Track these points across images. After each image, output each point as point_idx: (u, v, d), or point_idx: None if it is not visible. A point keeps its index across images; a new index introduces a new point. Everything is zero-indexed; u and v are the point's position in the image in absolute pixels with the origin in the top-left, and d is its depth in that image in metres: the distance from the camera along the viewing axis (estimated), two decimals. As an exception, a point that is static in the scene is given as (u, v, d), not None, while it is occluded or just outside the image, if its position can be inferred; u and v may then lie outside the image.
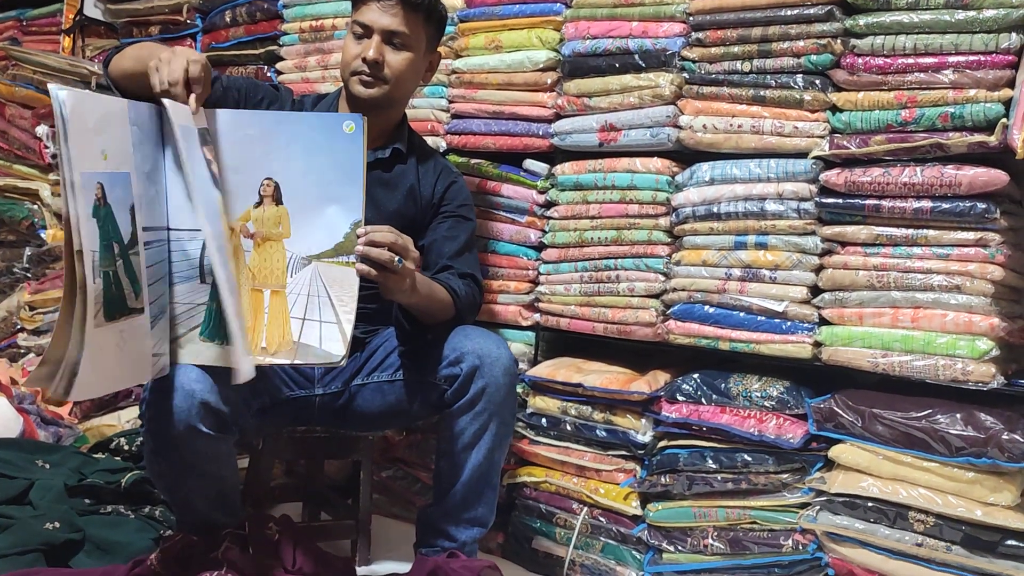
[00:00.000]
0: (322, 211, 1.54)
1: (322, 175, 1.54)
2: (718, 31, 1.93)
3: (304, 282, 1.53)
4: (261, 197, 1.53)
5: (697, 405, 1.92)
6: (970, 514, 1.62)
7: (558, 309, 2.17)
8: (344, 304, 1.52)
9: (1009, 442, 1.58)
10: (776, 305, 1.87)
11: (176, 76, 1.44)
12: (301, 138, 1.54)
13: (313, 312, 1.53)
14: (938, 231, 1.72)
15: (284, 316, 1.52)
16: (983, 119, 1.65)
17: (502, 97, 2.24)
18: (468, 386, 1.66)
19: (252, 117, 1.58)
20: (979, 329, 1.68)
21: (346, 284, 1.53)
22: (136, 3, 3.08)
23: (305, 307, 1.53)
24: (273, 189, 1.53)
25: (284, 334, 1.52)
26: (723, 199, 1.93)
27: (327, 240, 1.54)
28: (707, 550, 1.90)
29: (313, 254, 1.54)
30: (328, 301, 1.53)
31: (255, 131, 1.54)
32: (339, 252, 1.54)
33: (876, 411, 1.72)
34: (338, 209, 1.54)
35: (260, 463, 1.91)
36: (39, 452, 2.11)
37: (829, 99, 1.82)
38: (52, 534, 1.72)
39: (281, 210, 1.54)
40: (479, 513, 1.76)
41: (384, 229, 1.53)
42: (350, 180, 1.53)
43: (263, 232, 1.54)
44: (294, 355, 1.52)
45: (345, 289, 1.53)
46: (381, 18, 1.77)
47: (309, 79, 2.60)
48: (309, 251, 1.54)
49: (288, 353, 1.52)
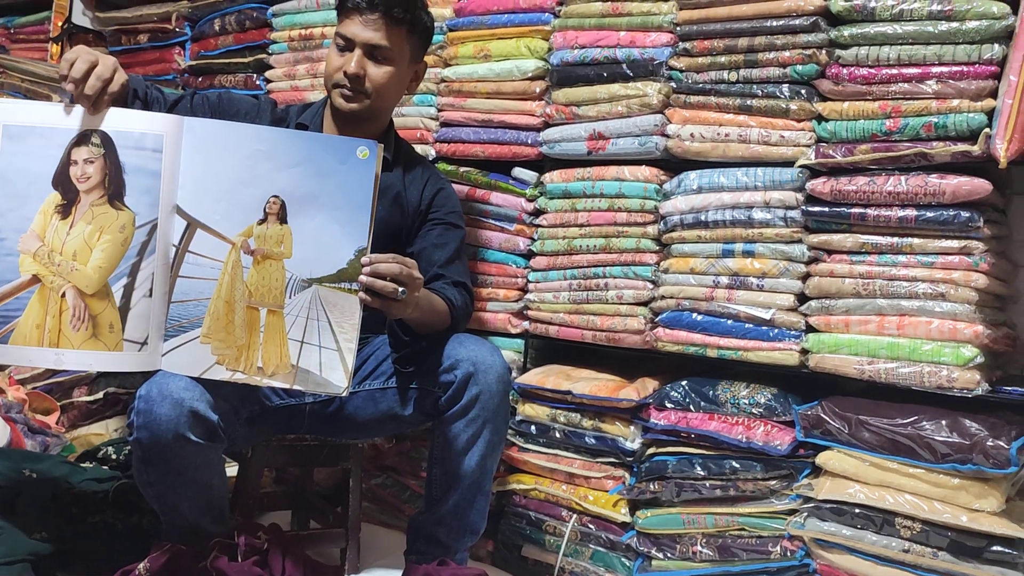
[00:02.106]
0: (327, 234, 1.52)
1: (331, 198, 1.52)
2: (705, 41, 1.95)
3: (303, 304, 1.51)
4: (266, 214, 1.52)
5: (685, 412, 1.93)
6: (956, 520, 1.63)
7: (547, 317, 2.18)
8: (344, 332, 1.51)
9: (994, 448, 1.60)
10: (763, 313, 1.89)
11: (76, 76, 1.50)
12: (312, 159, 1.52)
13: (312, 336, 1.51)
14: (923, 239, 1.74)
15: (281, 336, 1.51)
16: (966, 129, 1.67)
17: (491, 106, 2.25)
18: (462, 393, 1.66)
19: (263, 133, 1.56)
20: (964, 336, 1.69)
21: (347, 311, 1.51)
22: (124, 11, 3.08)
23: (304, 330, 1.51)
24: (279, 207, 1.52)
25: (282, 355, 1.51)
26: (711, 207, 1.94)
27: (330, 265, 1.52)
28: (696, 557, 1.90)
29: (314, 277, 1.52)
30: (328, 327, 1.51)
31: (266, 147, 1.53)
32: (341, 278, 1.51)
33: (863, 418, 1.73)
34: (344, 234, 1.51)
35: (249, 471, 1.90)
36: (26, 461, 2.09)
37: (815, 109, 1.83)
38: (39, 544, 1.71)
39: (285, 229, 1.52)
40: (471, 520, 1.76)
41: (389, 259, 1.51)
42: (359, 206, 1.51)
43: (264, 250, 1.52)
44: (293, 379, 1.51)
45: (345, 316, 1.51)
46: (363, 32, 1.77)
47: (298, 87, 2.61)
48: (311, 274, 1.52)
49: (287, 376, 1.51)
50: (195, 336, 1.49)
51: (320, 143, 1.59)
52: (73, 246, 1.48)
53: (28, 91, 2.99)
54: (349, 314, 1.51)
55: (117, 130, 1.49)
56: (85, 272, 1.47)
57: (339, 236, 1.51)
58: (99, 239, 1.48)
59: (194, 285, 1.51)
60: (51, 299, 1.47)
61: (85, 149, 1.48)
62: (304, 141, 1.58)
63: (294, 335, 1.51)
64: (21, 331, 1.46)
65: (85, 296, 1.47)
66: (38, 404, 2.50)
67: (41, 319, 1.46)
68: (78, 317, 1.47)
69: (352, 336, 1.51)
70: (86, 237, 1.48)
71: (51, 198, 1.47)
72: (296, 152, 1.53)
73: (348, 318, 1.51)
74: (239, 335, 1.50)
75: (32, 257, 1.47)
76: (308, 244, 1.52)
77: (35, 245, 1.47)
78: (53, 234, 1.47)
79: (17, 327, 1.45)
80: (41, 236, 1.47)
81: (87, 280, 1.48)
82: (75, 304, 1.47)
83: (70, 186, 1.48)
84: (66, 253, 1.47)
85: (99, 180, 1.48)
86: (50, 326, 1.46)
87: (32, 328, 1.46)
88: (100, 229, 1.48)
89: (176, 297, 1.50)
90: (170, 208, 1.50)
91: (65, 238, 1.48)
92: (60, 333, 1.47)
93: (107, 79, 1.52)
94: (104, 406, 2.55)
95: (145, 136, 1.50)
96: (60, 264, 1.47)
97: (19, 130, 1.46)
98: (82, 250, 1.48)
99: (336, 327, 1.51)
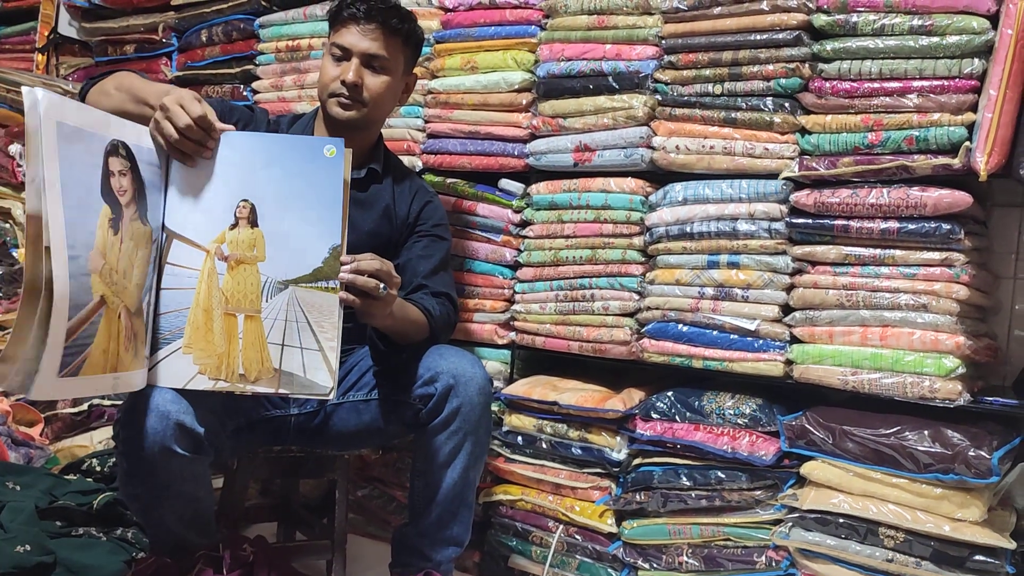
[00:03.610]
0: (300, 235, 1.51)
1: (301, 199, 1.51)
2: (690, 54, 1.97)
3: (280, 307, 1.49)
4: (236, 219, 1.50)
5: (671, 423, 1.94)
6: (938, 530, 1.64)
7: (533, 327, 2.19)
8: (325, 331, 1.49)
9: (975, 459, 1.61)
10: (748, 323, 1.90)
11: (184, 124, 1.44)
12: (280, 160, 1.52)
13: (292, 338, 1.49)
14: (905, 251, 1.76)
15: (261, 341, 1.49)
16: (947, 142, 1.69)
17: (478, 117, 2.26)
18: (443, 405, 1.66)
19: (231, 138, 1.55)
20: (945, 347, 1.71)
21: (325, 310, 1.50)
22: (111, 22, 3.08)
23: (283, 333, 1.49)
24: (249, 211, 1.51)
25: (263, 360, 1.49)
26: (696, 219, 1.96)
27: (305, 265, 1.51)
28: (682, 567, 1.91)
29: (290, 278, 1.51)
30: (308, 327, 1.49)
31: (233, 152, 1.51)
32: (318, 277, 1.50)
33: (846, 428, 1.75)
34: (317, 233, 1.51)
35: (235, 483, 1.89)
36: (9, 474, 2.08)
37: (798, 122, 1.85)
38: (23, 557, 1.70)
39: (256, 233, 1.51)
40: (455, 532, 1.76)
41: (368, 257, 1.52)
42: (329, 204, 1.51)
43: (237, 255, 1.50)
44: (277, 384, 1.49)
45: (325, 315, 1.50)
46: (360, 42, 1.78)
47: (285, 98, 2.61)
48: (286, 275, 1.50)
49: (270, 381, 1.49)
50: (178, 347, 1.49)
51: (286, 144, 1.56)
52: (124, 264, 1.39)
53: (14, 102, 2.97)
54: (328, 313, 1.49)
55: (135, 143, 1.43)
56: (131, 290, 1.41)
57: (312, 235, 1.51)
58: (138, 255, 1.43)
59: (174, 296, 1.49)
60: (113, 321, 1.36)
61: (118, 160, 1.39)
62: (270, 143, 1.57)
63: (274, 339, 1.49)
64: (93, 360, 1.32)
65: (131, 315, 1.41)
66: (22, 416, 2.48)
67: (107, 344, 1.35)
68: (128, 337, 1.40)
69: (332, 335, 1.50)
70: (130, 254, 1.41)
71: (104, 211, 1.35)
72: (263, 154, 1.52)
73: (328, 317, 1.49)
74: (218, 343, 1.49)
75: (99, 276, 1.34)
76: (281, 246, 1.50)
77: (100, 263, 1.34)
78: (110, 251, 1.36)
79: (90, 356, 1.31)
80: (103, 253, 1.35)
81: (133, 299, 1.41)
82: (127, 323, 1.40)
83: (115, 200, 1.38)
84: (119, 271, 1.38)
85: (132, 194, 1.42)
86: (112, 350, 1.37)
87: (100, 355, 1.34)
88: (137, 245, 1.42)
89: (159, 309, 1.49)
90: (160, 222, 1.50)
91: (119, 255, 1.38)
92: (118, 356, 1.38)
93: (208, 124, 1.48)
94: (89, 418, 2.54)
95: (151, 151, 1.47)
96: (117, 283, 1.38)
97: (71, 131, 1.28)
98: (128, 268, 1.40)
99: (316, 327, 1.49)
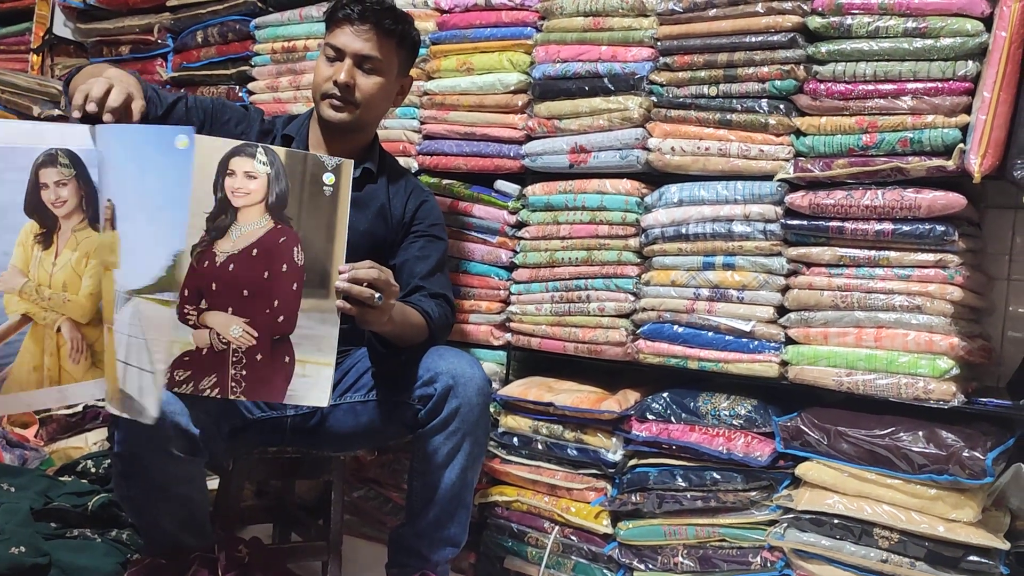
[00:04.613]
0: (148, 238, 1.34)
1: (151, 196, 1.33)
2: (685, 56, 1.97)
3: (124, 321, 1.33)
4: (103, 221, 1.37)
5: (667, 424, 1.94)
6: (933, 530, 1.65)
7: (529, 329, 2.19)
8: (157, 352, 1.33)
9: (969, 459, 1.62)
10: (743, 325, 1.90)
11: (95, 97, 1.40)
12: (134, 154, 1.34)
13: (132, 356, 1.33)
14: (899, 252, 1.76)
15: (111, 357, 1.36)
16: (941, 144, 1.70)
17: (473, 119, 2.26)
18: (442, 406, 1.66)
19: (100, 133, 1.38)
20: (939, 348, 1.72)
21: (163, 327, 1.33)
22: (106, 22, 3.07)
23: (126, 349, 1.33)
24: (111, 212, 1.36)
25: (114, 379, 1.35)
26: (691, 220, 1.96)
27: (147, 273, 1.33)
28: (677, 568, 1.91)
29: (134, 288, 1.32)
30: (144, 346, 1.32)
31: (105, 147, 1.36)
32: (160, 288, 1.32)
33: (841, 429, 1.75)
34: (162, 237, 1.33)
35: (230, 484, 1.89)
36: (4, 475, 2.08)
37: (793, 123, 1.86)
38: (18, 558, 1.70)
39: (114, 236, 1.35)
40: (452, 533, 1.76)
41: (366, 265, 1.48)
42: (177, 204, 1.32)
43: (101, 260, 1.37)
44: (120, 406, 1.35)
45: (161, 332, 1.33)
46: (354, 42, 1.78)
47: (281, 99, 2.61)
48: (132, 284, 1.33)
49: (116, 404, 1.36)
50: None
51: (139, 135, 1.39)
52: (62, 277, 1.35)
53: (8, 102, 2.97)
54: (164, 331, 1.33)
55: (81, 147, 1.34)
56: (78, 301, 1.36)
57: (158, 239, 1.33)
58: (87, 265, 1.36)
59: None
60: (47, 336, 1.34)
61: (54, 171, 1.32)
62: (125, 135, 1.39)
63: (119, 355, 1.34)
64: (16, 378, 1.31)
65: (81, 326, 1.37)
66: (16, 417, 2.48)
67: (39, 360, 1.33)
68: (76, 349, 1.37)
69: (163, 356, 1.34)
70: (73, 265, 1.36)
71: (27, 227, 1.31)
72: (120, 149, 1.35)
73: (163, 335, 1.33)
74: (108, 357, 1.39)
75: (18, 295, 1.32)
76: (129, 250, 1.34)
77: (19, 282, 1.32)
78: (38, 267, 1.33)
79: (11, 375, 1.30)
80: (24, 271, 1.32)
81: (81, 310, 1.37)
82: (72, 336, 1.37)
83: (46, 212, 1.33)
84: (55, 285, 1.35)
85: (76, 203, 1.35)
86: (48, 365, 1.34)
87: (29, 372, 1.32)
88: (86, 255, 1.36)
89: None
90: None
91: (52, 269, 1.34)
92: (61, 370, 1.35)
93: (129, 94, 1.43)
94: (83, 419, 2.53)
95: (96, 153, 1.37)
96: (51, 298, 1.35)
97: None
98: (71, 280, 1.36)
99: (151, 345, 1.32)
